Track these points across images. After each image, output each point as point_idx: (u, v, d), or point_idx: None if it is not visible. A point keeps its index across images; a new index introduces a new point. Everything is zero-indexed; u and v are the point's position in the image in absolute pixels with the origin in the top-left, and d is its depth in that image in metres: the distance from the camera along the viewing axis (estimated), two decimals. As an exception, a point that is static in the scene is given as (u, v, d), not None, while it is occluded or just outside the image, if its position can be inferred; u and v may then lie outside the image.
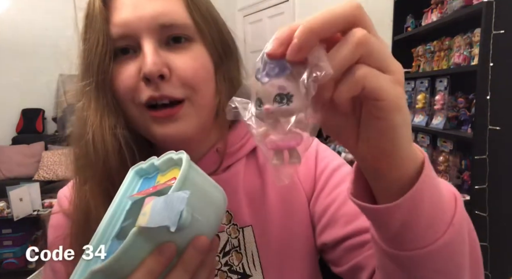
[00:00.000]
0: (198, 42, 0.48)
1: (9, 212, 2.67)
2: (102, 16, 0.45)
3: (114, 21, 0.45)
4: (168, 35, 0.46)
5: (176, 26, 0.46)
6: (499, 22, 1.46)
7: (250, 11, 4.57)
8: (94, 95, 0.46)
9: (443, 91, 1.89)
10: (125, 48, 0.46)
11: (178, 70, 0.45)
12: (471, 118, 1.72)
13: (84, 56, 0.47)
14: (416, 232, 0.31)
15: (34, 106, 4.32)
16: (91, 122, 0.45)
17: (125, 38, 0.45)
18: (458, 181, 1.82)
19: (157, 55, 0.44)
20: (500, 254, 1.55)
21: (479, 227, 1.54)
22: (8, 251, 2.77)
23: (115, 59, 0.46)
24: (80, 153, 0.47)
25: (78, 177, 0.48)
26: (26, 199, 2.71)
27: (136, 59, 0.45)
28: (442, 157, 1.90)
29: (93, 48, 0.45)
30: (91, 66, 0.45)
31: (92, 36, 0.45)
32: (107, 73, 0.45)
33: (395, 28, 2.31)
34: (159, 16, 0.45)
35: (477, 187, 1.55)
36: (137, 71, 0.45)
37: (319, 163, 0.54)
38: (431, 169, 0.31)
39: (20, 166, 3.90)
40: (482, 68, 1.51)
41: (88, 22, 0.46)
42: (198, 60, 0.47)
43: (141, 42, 0.45)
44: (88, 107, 0.46)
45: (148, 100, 0.45)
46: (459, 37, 1.79)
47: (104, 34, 0.45)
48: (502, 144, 1.52)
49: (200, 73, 0.47)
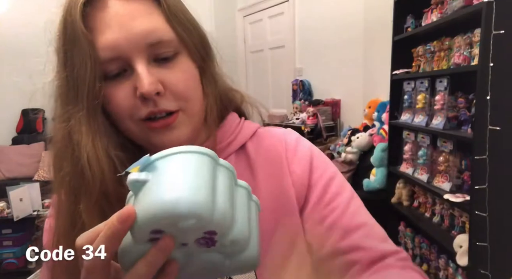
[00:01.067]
0: (183, 53, 0.49)
1: (9, 212, 2.67)
2: (86, 39, 0.44)
3: (101, 43, 0.45)
4: (156, 53, 0.47)
5: (163, 43, 0.47)
6: (499, 22, 1.46)
7: (250, 11, 4.57)
8: (85, 120, 0.46)
9: (443, 91, 1.89)
10: (115, 72, 0.46)
11: (171, 86, 0.47)
12: (471, 118, 1.72)
13: (69, 81, 0.46)
14: None
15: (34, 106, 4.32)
16: (84, 144, 0.45)
17: (114, 60, 0.45)
18: (458, 181, 1.82)
19: (151, 74, 0.45)
20: (500, 254, 1.55)
21: (479, 227, 1.54)
22: (8, 251, 2.77)
23: (106, 81, 0.46)
24: (74, 174, 0.46)
25: (68, 196, 0.48)
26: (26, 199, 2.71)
27: (128, 79, 0.46)
28: (442, 157, 1.90)
29: (81, 74, 0.45)
30: (80, 92, 0.45)
31: (77, 60, 0.45)
32: (99, 98, 0.45)
33: (395, 28, 2.31)
34: (146, 36, 0.45)
35: (477, 187, 1.55)
36: (132, 91, 0.46)
37: (315, 170, 0.54)
38: None
39: (20, 166, 3.90)
40: (482, 68, 1.51)
41: (69, 47, 0.46)
42: (187, 71, 0.49)
43: (132, 63, 0.45)
44: (79, 131, 0.46)
45: (148, 115, 0.46)
46: (459, 37, 1.79)
47: (91, 59, 0.44)
48: (502, 144, 1.52)
49: (190, 84, 0.49)
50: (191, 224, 0.28)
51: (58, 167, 0.48)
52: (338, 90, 3.48)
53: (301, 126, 3.41)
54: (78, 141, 0.45)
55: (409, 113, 2.24)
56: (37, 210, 2.78)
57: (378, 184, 2.49)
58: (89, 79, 0.44)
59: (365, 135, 2.75)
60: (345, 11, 3.23)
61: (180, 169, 0.30)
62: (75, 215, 0.46)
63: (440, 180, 1.90)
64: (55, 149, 0.49)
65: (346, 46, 3.27)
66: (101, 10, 0.46)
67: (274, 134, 0.58)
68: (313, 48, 3.73)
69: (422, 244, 2.15)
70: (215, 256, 0.33)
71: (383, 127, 2.64)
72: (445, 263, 1.90)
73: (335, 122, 3.46)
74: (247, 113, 0.62)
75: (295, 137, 0.57)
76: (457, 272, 1.79)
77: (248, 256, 0.33)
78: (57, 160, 0.49)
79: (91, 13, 0.46)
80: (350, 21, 3.18)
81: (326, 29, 3.47)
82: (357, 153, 2.76)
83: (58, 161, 0.48)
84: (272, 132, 0.58)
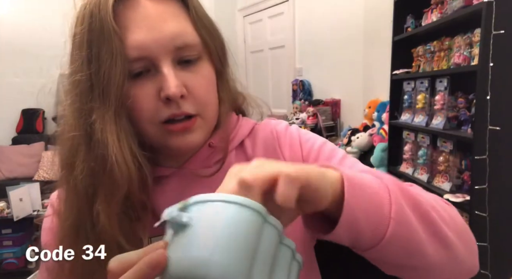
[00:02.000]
0: (205, 58, 0.50)
1: (9, 212, 2.67)
2: (117, 37, 0.44)
3: (129, 42, 0.45)
4: (181, 56, 0.47)
5: (188, 47, 0.47)
6: (499, 22, 1.46)
7: (250, 11, 4.57)
8: (113, 120, 0.45)
9: (443, 91, 1.89)
10: (139, 71, 0.46)
11: (193, 90, 0.48)
12: (471, 118, 1.72)
13: (92, 77, 0.45)
14: (365, 237, 0.36)
15: (34, 106, 4.32)
16: (111, 144, 0.44)
17: (140, 60, 0.45)
18: (458, 181, 1.82)
19: (177, 77, 0.46)
20: (500, 254, 1.55)
21: (479, 227, 1.54)
22: (8, 251, 2.77)
23: (129, 80, 0.46)
24: (94, 173, 0.45)
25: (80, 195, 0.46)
26: (26, 199, 2.71)
27: (152, 80, 0.46)
28: (442, 157, 1.90)
29: (109, 72, 0.44)
30: (107, 90, 0.45)
31: (105, 57, 0.44)
32: (126, 98, 0.45)
33: (395, 28, 2.31)
34: (174, 38, 0.46)
35: (477, 187, 1.55)
36: (155, 92, 0.46)
37: (304, 145, 0.57)
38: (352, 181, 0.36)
39: (20, 166, 3.90)
40: (482, 68, 1.51)
41: (96, 43, 0.44)
42: (207, 76, 0.50)
43: (158, 64, 0.46)
44: (104, 130, 0.45)
45: (169, 118, 0.47)
46: (459, 37, 1.79)
47: (121, 57, 0.44)
48: (502, 144, 1.52)
49: (209, 89, 0.51)
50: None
51: (69, 163, 0.47)
52: (338, 90, 3.48)
53: (301, 126, 3.41)
54: (103, 140, 0.45)
55: (409, 113, 2.23)
56: (37, 210, 2.78)
57: (378, 184, 2.49)
58: (118, 78, 0.44)
59: (365, 135, 2.75)
60: (345, 11, 3.23)
61: (223, 223, 0.26)
62: (84, 214, 0.46)
63: (440, 180, 1.90)
64: (67, 144, 0.47)
65: (346, 46, 3.27)
66: (132, 9, 0.46)
67: (266, 127, 0.60)
68: (313, 48, 3.73)
69: (422, 244, 2.15)
70: None
71: (383, 127, 2.64)
72: (445, 263, 1.90)
73: (335, 122, 3.46)
74: (247, 113, 0.63)
75: (285, 126, 0.60)
76: (457, 272, 1.79)
77: None
78: (69, 156, 0.47)
79: (122, 11, 0.46)
80: (350, 21, 3.17)
81: (326, 29, 3.47)
82: (357, 153, 2.76)
83: (70, 157, 0.47)
84: (263, 125, 0.60)
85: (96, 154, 0.45)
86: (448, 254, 0.40)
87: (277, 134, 0.58)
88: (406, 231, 0.37)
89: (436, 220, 0.39)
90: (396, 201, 0.37)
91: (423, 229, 0.38)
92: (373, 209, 0.36)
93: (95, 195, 0.45)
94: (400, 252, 0.37)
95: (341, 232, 0.35)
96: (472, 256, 0.45)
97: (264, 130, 0.59)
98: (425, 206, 0.39)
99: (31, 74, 4.15)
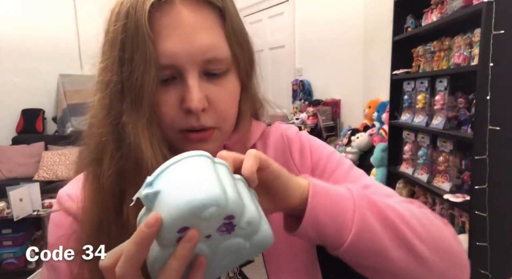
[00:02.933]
0: (232, 71, 0.50)
1: (9, 212, 2.67)
2: (151, 41, 0.44)
3: (161, 50, 0.44)
4: (209, 68, 0.47)
5: (218, 60, 0.47)
6: (499, 22, 1.46)
7: (250, 11, 4.57)
8: (146, 126, 0.45)
9: (443, 91, 1.89)
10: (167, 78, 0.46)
11: (215, 104, 0.48)
12: (471, 118, 1.72)
13: (124, 80, 0.45)
14: (331, 239, 0.41)
15: (34, 106, 4.32)
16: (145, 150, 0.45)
17: (169, 68, 0.45)
18: (458, 181, 1.82)
19: (201, 90, 0.46)
20: (500, 254, 1.55)
21: (479, 227, 1.54)
22: (8, 251, 2.77)
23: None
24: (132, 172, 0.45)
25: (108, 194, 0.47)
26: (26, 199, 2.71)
27: (176, 88, 0.46)
28: (442, 157, 1.90)
29: (143, 77, 0.44)
30: (140, 96, 0.45)
31: (140, 60, 0.44)
32: (156, 105, 0.46)
33: (395, 28, 2.31)
34: (205, 51, 0.46)
35: (477, 187, 1.55)
36: (178, 101, 0.46)
37: (314, 152, 0.58)
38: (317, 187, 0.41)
39: (20, 166, 3.90)
40: (482, 68, 1.51)
41: (130, 45, 0.44)
42: (232, 91, 0.51)
43: (184, 74, 0.46)
44: (137, 135, 0.45)
45: (187, 128, 0.48)
46: (459, 37, 1.79)
47: (155, 64, 0.44)
48: (502, 144, 1.52)
49: (231, 103, 0.51)
50: (212, 212, 0.31)
51: (97, 158, 0.47)
52: (338, 90, 3.48)
53: (301, 126, 3.41)
54: (138, 145, 0.45)
55: (409, 113, 2.24)
56: (37, 210, 2.78)
57: (378, 184, 2.49)
58: (151, 84, 0.44)
59: (365, 135, 2.75)
60: (345, 11, 3.23)
61: (186, 171, 0.33)
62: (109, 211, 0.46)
63: (440, 180, 1.90)
64: (95, 140, 0.48)
65: (346, 46, 3.27)
66: (167, 15, 0.45)
67: (276, 130, 0.61)
68: (313, 48, 3.73)
69: (422, 244, 2.15)
70: (237, 241, 0.35)
71: (383, 127, 2.64)
72: (445, 263, 1.90)
73: (335, 122, 3.46)
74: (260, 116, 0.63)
75: (295, 131, 0.61)
76: (457, 272, 1.79)
77: (263, 234, 0.36)
78: (97, 152, 0.47)
79: (157, 16, 0.45)
80: (350, 21, 3.17)
81: (326, 29, 3.47)
82: (357, 153, 2.76)
83: (98, 153, 0.47)
84: (273, 128, 0.61)
85: (128, 156, 0.45)
86: (418, 263, 0.43)
87: (287, 139, 0.59)
88: (369, 237, 0.41)
89: (403, 231, 0.42)
90: (360, 210, 0.41)
91: (388, 237, 0.41)
92: (337, 214, 0.40)
93: (123, 194, 0.46)
94: (365, 255, 0.42)
95: (307, 231, 0.41)
96: (455, 267, 0.46)
97: (275, 134, 0.60)
98: (392, 218, 0.43)
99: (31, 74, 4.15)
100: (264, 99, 0.61)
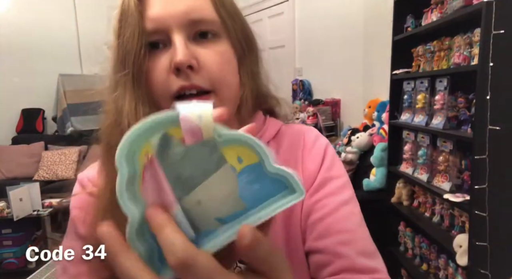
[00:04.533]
0: (224, 38, 0.51)
1: (9, 212, 2.67)
2: (137, 11, 0.48)
3: (148, 16, 0.48)
4: (196, 31, 0.49)
5: (204, 22, 0.49)
6: (499, 22, 1.46)
7: (250, 11, 4.56)
8: (130, 86, 0.48)
9: (443, 91, 1.89)
10: (156, 42, 0.49)
11: (205, 64, 0.48)
12: (471, 118, 1.72)
13: (119, 49, 0.49)
14: None
15: (34, 106, 4.32)
16: (126, 111, 0.47)
17: (157, 33, 0.48)
18: (458, 181, 1.82)
19: (186, 47, 0.47)
20: (500, 254, 1.55)
21: (479, 227, 1.54)
22: (8, 251, 2.78)
23: (149, 53, 0.49)
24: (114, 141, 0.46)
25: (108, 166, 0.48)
26: (26, 199, 2.71)
27: (167, 53, 0.48)
28: (442, 157, 1.90)
29: (129, 41, 0.47)
30: (127, 58, 0.48)
31: (128, 30, 0.48)
32: (143, 65, 0.48)
33: (395, 28, 2.31)
34: (189, 12, 0.48)
35: (477, 187, 1.55)
36: (168, 64, 0.48)
37: (323, 167, 0.55)
38: None
39: (20, 166, 3.90)
40: (482, 68, 1.51)
41: (124, 18, 0.49)
42: (223, 55, 0.50)
43: (171, 36, 0.48)
44: (123, 98, 0.48)
45: (179, 90, 0.48)
46: (459, 37, 1.79)
47: (139, 28, 0.47)
48: (502, 144, 1.52)
49: (225, 67, 0.50)
50: None
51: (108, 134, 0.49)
52: (338, 90, 3.48)
53: (301, 126, 3.40)
54: (121, 107, 0.47)
55: (409, 113, 2.24)
56: (37, 210, 2.78)
57: (378, 184, 2.49)
58: (136, 46, 0.47)
59: (365, 135, 2.75)
60: (345, 10, 3.23)
61: None
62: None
63: (440, 180, 1.90)
64: (107, 121, 0.50)
65: (346, 46, 3.27)
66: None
67: (294, 132, 0.59)
68: (313, 48, 3.73)
69: (422, 243, 2.15)
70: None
71: (383, 127, 2.64)
72: (445, 262, 1.90)
73: (335, 122, 3.46)
74: (277, 115, 0.63)
75: (314, 135, 0.59)
76: (457, 272, 1.79)
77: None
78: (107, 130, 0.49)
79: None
80: (350, 21, 3.18)
81: (326, 29, 3.47)
82: (357, 153, 2.76)
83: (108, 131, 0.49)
84: (292, 129, 0.60)
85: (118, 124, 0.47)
86: None
87: (304, 143, 0.58)
88: None
89: None
90: None
91: None
92: None
93: None
94: None
95: None
96: None
97: (291, 135, 0.59)
98: None
99: (31, 74, 4.15)
100: (280, 98, 0.62)
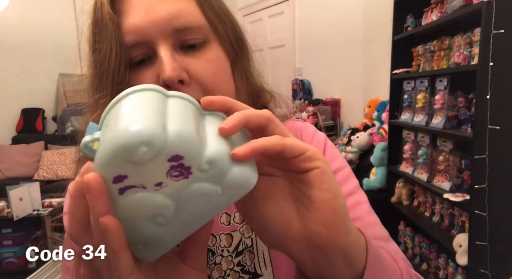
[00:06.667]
0: (214, 42, 0.46)
1: (9, 211, 2.67)
2: (112, 22, 0.42)
3: (126, 27, 0.42)
4: (183, 40, 0.44)
5: (191, 29, 0.43)
6: (499, 22, 1.46)
7: (250, 11, 4.57)
8: None
9: (443, 90, 1.89)
10: (140, 59, 0.44)
11: (197, 76, 0.43)
12: (471, 117, 1.72)
13: (96, 67, 0.44)
14: None
15: (34, 106, 4.32)
16: None
17: (139, 45, 0.43)
18: (458, 180, 1.82)
19: (174, 60, 0.42)
20: (500, 254, 1.55)
21: (479, 227, 1.54)
22: (8, 251, 2.77)
23: (131, 68, 0.43)
24: None
25: None
26: (26, 199, 2.71)
27: (153, 66, 0.43)
28: (442, 157, 1.90)
29: (106, 58, 0.42)
30: (105, 77, 0.43)
31: (104, 45, 0.42)
32: (124, 84, 0.43)
33: (395, 28, 2.31)
34: (173, 20, 0.42)
35: (477, 186, 1.55)
36: (155, 79, 0.43)
37: (326, 156, 0.54)
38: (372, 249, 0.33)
39: (20, 165, 3.90)
40: (482, 68, 1.51)
41: (98, 30, 0.44)
42: (216, 62, 0.46)
43: (156, 48, 0.42)
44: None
45: None
46: (459, 37, 1.79)
47: (117, 42, 0.42)
48: (502, 144, 1.52)
49: (219, 75, 0.46)
50: (144, 153, 0.25)
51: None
52: (338, 89, 3.48)
53: (301, 125, 3.40)
54: None
55: (409, 113, 2.24)
56: (37, 210, 2.77)
57: (378, 184, 2.49)
58: (114, 63, 0.42)
59: (365, 135, 2.75)
60: (345, 10, 3.23)
61: (120, 111, 0.27)
62: None
63: (440, 179, 1.90)
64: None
65: (346, 46, 3.27)
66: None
67: (291, 129, 0.56)
68: (313, 47, 3.73)
69: (422, 243, 2.15)
70: (202, 187, 0.28)
71: (383, 126, 2.64)
72: (445, 262, 1.91)
73: (335, 121, 3.46)
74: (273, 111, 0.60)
75: (312, 131, 0.58)
76: (457, 271, 1.79)
77: (237, 174, 0.28)
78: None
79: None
80: (350, 21, 3.17)
81: (326, 29, 3.47)
82: (357, 152, 2.76)
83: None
84: (289, 126, 0.57)
85: None
86: None
87: (301, 138, 0.55)
88: None
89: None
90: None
91: None
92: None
93: None
94: None
95: None
96: None
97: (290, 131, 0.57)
98: None
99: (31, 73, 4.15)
100: (274, 92, 0.57)
